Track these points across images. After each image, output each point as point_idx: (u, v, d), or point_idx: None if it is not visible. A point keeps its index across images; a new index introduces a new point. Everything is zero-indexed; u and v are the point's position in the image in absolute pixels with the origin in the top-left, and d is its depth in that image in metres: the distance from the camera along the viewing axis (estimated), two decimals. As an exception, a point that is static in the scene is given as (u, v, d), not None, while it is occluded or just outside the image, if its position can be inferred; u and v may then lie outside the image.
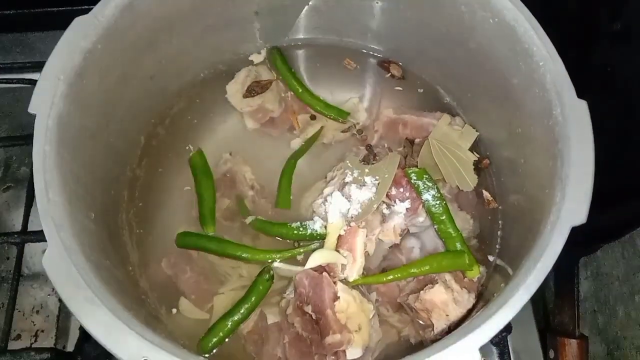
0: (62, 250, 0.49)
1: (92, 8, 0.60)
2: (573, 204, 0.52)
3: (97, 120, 0.62)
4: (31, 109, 0.55)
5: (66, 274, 0.48)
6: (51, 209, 0.51)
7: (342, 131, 0.78)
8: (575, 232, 0.53)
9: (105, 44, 0.60)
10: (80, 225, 0.53)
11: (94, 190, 0.61)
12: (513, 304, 0.48)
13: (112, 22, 0.60)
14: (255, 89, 0.78)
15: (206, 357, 0.62)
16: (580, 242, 0.67)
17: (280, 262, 0.68)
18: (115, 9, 0.60)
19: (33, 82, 0.85)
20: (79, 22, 0.59)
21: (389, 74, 0.82)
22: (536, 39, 0.59)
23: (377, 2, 0.74)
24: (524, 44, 0.60)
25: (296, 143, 0.77)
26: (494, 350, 0.79)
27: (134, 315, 0.49)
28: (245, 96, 0.78)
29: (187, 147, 0.76)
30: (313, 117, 0.80)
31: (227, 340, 0.63)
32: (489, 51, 0.66)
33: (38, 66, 0.90)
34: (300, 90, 0.79)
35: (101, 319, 0.46)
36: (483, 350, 0.80)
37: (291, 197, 0.73)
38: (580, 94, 0.58)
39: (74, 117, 0.56)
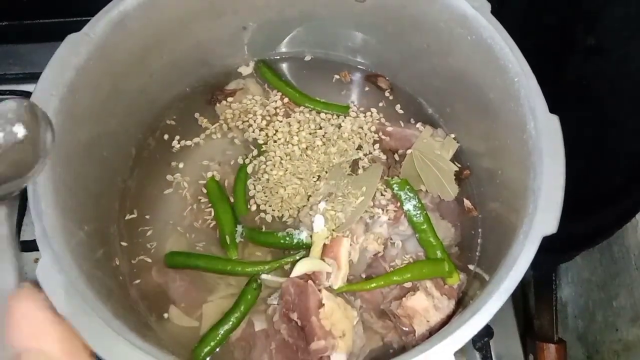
0: (55, 262, 0.50)
1: (85, 19, 0.61)
2: (544, 215, 0.54)
3: (89, 133, 0.63)
4: (25, 124, 0.56)
5: (58, 284, 0.49)
6: (44, 221, 0.52)
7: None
8: (552, 239, 0.54)
9: (96, 60, 0.61)
10: (72, 236, 0.55)
11: (86, 202, 0.62)
12: (486, 311, 0.50)
13: (104, 39, 0.61)
14: (218, 97, 0.80)
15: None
16: (558, 249, 0.70)
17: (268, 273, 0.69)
18: (106, 26, 0.62)
19: (26, 94, 0.87)
20: (70, 39, 0.60)
21: (375, 86, 0.84)
22: (511, 56, 0.61)
23: (362, 18, 0.76)
24: (500, 60, 0.62)
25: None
26: (477, 355, 0.81)
27: (125, 323, 0.50)
28: (209, 103, 0.80)
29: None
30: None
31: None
32: (467, 66, 0.68)
33: (31, 77, 0.92)
34: (298, 95, 0.81)
35: (92, 327, 0.48)
36: (466, 355, 0.82)
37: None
38: (556, 106, 0.60)
39: (66, 132, 0.58)
